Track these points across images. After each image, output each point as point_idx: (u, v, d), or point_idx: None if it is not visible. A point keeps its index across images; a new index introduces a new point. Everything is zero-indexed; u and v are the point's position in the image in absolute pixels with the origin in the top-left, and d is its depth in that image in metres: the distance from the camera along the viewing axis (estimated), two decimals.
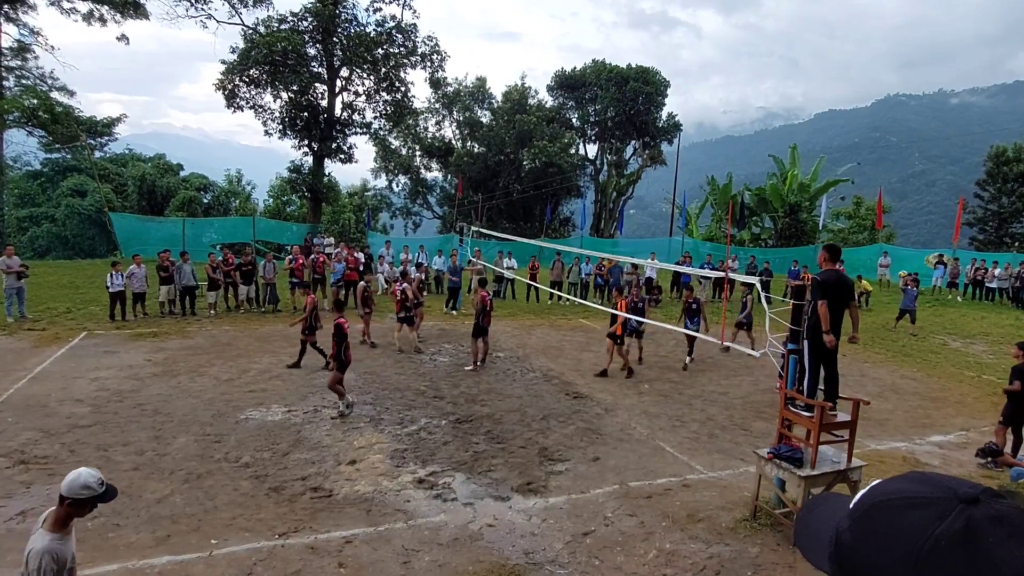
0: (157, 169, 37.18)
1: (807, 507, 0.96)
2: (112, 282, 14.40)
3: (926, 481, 0.78)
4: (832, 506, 0.88)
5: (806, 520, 0.92)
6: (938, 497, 0.74)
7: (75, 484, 3.10)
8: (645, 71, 41.72)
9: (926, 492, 0.76)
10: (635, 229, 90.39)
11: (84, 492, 3.11)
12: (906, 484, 0.79)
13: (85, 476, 3.13)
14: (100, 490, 3.17)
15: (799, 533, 0.91)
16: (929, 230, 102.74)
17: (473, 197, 37.73)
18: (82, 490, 3.11)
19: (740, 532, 5.97)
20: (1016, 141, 35.56)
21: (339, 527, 5.80)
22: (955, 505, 0.72)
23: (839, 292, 6.08)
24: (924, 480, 0.79)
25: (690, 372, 12.34)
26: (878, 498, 0.79)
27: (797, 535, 0.92)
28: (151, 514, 5.89)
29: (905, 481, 0.80)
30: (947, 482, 0.77)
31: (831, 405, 6.10)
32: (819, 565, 0.83)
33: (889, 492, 0.78)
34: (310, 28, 26.89)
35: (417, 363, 12.09)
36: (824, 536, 0.83)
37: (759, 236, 36.39)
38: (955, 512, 0.71)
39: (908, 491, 0.77)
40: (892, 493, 0.78)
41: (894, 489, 0.79)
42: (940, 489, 0.75)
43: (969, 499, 0.72)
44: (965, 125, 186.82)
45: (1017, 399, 8.09)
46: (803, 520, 0.93)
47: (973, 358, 14.42)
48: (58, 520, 3.11)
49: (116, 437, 7.73)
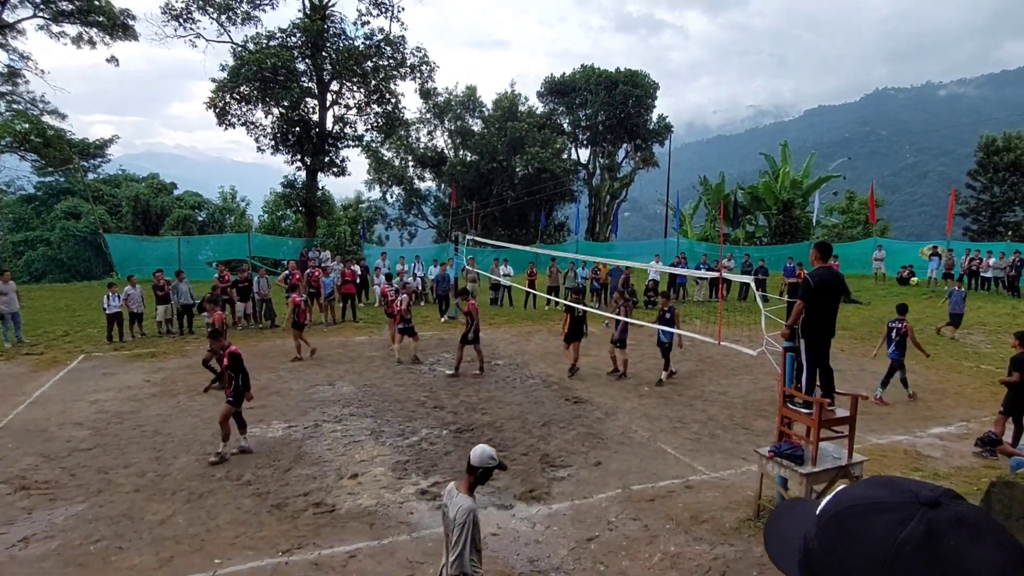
0: (151, 189, 37.24)
1: (774, 515, 0.97)
2: (109, 303, 14.39)
3: (888, 486, 0.80)
4: (799, 513, 0.90)
5: (774, 528, 0.93)
6: (900, 502, 0.76)
7: (484, 456, 3.90)
8: (634, 74, 41.92)
9: (888, 497, 0.77)
10: (630, 231, 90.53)
11: (490, 462, 3.92)
12: (869, 490, 0.81)
13: (488, 450, 3.95)
14: (496, 462, 3.97)
15: (769, 541, 0.93)
16: (923, 222, 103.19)
17: (467, 205, 37.80)
18: (489, 460, 3.91)
19: (744, 532, 5.97)
20: (1005, 130, 35.75)
21: (343, 542, 5.79)
22: (917, 509, 0.74)
23: (831, 289, 6.10)
24: (886, 485, 0.80)
25: (690, 373, 12.36)
26: (843, 505, 0.80)
27: (767, 543, 0.94)
28: (154, 535, 5.87)
29: (868, 487, 0.82)
30: (908, 486, 0.79)
31: (829, 401, 6.11)
32: (789, 573, 0.85)
33: (853, 498, 0.80)
34: (299, 43, 26.97)
35: (416, 373, 12.08)
36: (793, 543, 0.85)
37: (754, 234, 36.49)
38: (917, 516, 0.73)
39: (871, 497, 0.78)
40: (856, 499, 0.80)
41: (858, 495, 0.80)
42: (902, 493, 0.77)
43: (930, 502, 0.74)
44: (954, 116, 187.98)
45: (1017, 389, 8.11)
46: (771, 528, 0.94)
47: (971, 348, 14.46)
48: (469, 486, 3.91)
49: (117, 459, 7.71)
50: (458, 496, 3.85)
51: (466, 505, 3.75)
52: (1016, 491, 3.58)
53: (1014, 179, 33.77)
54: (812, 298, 5.98)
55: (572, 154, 44.83)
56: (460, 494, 3.86)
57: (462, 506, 3.75)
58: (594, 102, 41.63)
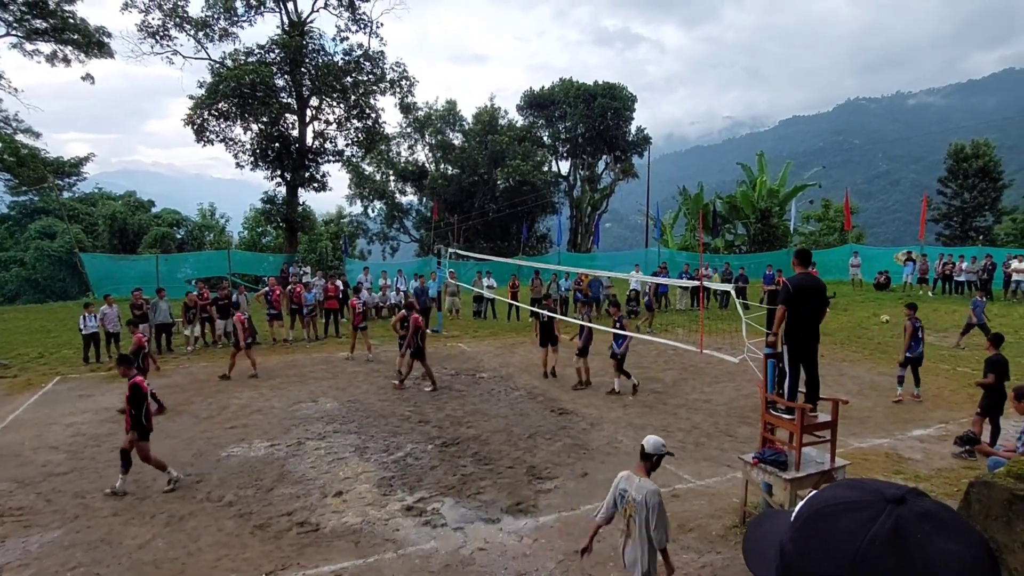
0: (128, 207, 36.75)
1: (752, 525, 1.00)
2: (85, 324, 14.14)
3: (856, 486, 0.83)
4: (775, 522, 0.92)
5: (752, 538, 0.96)
6: (868, 500, 0.78)
7: (656, 444, 4.44)
8: (612, 87, 42.44)
9: (857, 497, 0.80)
10: (612, 242, 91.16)
11: (663, 449, 4.45)
12: (839, 491, 0.83)
13: (659, 439, 4.52)
14: (666, 449, 4.52)
15: (748, 552, 0.95)
16: (897, 228, 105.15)
17: (449, 219, 37.84)
18: (661, 447, 4.44)
19: (731, 539, 5.99)
20: (973, 138, 36.71)
21: (328, 561, 5.70)
22: (884, 506, 0.76)
23: (811, 295, 6.19)
24: (855, 486, 0.83)
25: (673, 381, 12.42)
26: (815, 507, 0.83)
27: (746, 554, 0.96)
28: (133, 560, 5.74)
29: (838, 488, 0.85)
30: (875, 485, 0.82)
31: (811, 407, 6.17)
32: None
33: (824, 500, 0.83)
34: (277, 60, 26.94)
35: (401, 388, 11.99)
36: (770, 552, 0.87)
37: (733, 243, 36.93)
38: (885, 512, 0.76)
39: (841, 497, 0.81)
40: (827, 501, 0.82)
41: (828, 497, 0.83)
42: (869, 493, 0.80)
43: (896, 499, 0.77)
44: (924, 125, 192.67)
45: (992, 390, 8.28)
46: (750, 538, 0.97)
47: (947, 351, 14.72)
48: (647, 471, 4.41)
49: (94, 483, 7.53)
50: (640, 480, 4.31)
51: (653, 488, 4.26)
52: (994, 490, 3.64)
53: (983, 185, 34.62)
54: (792, 303, 6.06)
55: (553, 166, 45.14)
56: (642, 478, 4.33)
57: (650, 489, 4.23)
58: (573, 115, 42.03)
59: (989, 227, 34.58)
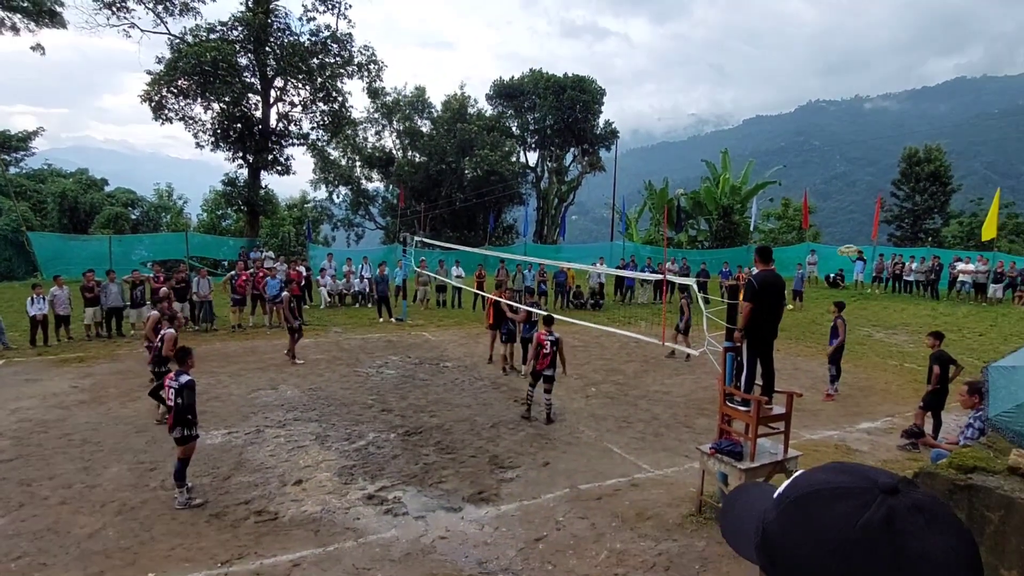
0: (79, 185, 35.24)
1: (730, 498, 0.99)
2: (33, 306, 13.58)
3: (848, 472, 0.82)
4: (754, 496, 0.91)
5: (730, 511, 0.94)
6: (860, 487, 0.77)
7: None
8: (581, 80, 42.55)
9: (848, 483, 0.79)
10: (577, 235, 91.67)
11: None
12: (829, 475, 0.82)
13: None
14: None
15: (725, 525, 0.94)
16: (852, 228, 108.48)
17: (416, 207, 37.50)
18: None
19: (687, 527, 6.14)
20: (926, 143, 38.10)
21: (286, 550, 5.64)
22: (876, 495, 0.76)
23: (774, 291, 6.37)
24: (846, 471, 0.82)
25: (634, 373, 12.62)
26: (803, 489, 0.81)
27: (723, 527, 0.95)
28: (81, 550, 5.57)
29: (828, 472, 0.83)
30: (868, 472, 0.81)
31: (767, 399, 6.36)
32: (747, 555, 0.86)
33: (813, 483, 0.82)
34: (240, 37, 26.14)
35: (363, 377, 11.89)
36: (749, 527, 0.86)
37: (696, 238, 37.60)
38: (877, 502, 0.75)
39: (832, 482, 0.80)
40: (816, 484, 0.81)
41: (818, 480, 0.82)
42: (861, 480, 0.79)
43: (889, 489, 0.76)
44: (880, 128, 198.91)
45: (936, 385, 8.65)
46: (727, 512, 0.95)
47: (895, 348, 15.33)
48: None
49: (41, 471, 7.27)
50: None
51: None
52: (937, 481, 3.82)
53: (933, 188, 35.98)
54: (757, 299, 6.22)
55: (521, 157, 45.10)
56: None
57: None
58: (543, 106, 42.02)
59: (937, 229, 36.00)
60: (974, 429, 6.41)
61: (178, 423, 6.46)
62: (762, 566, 0.83)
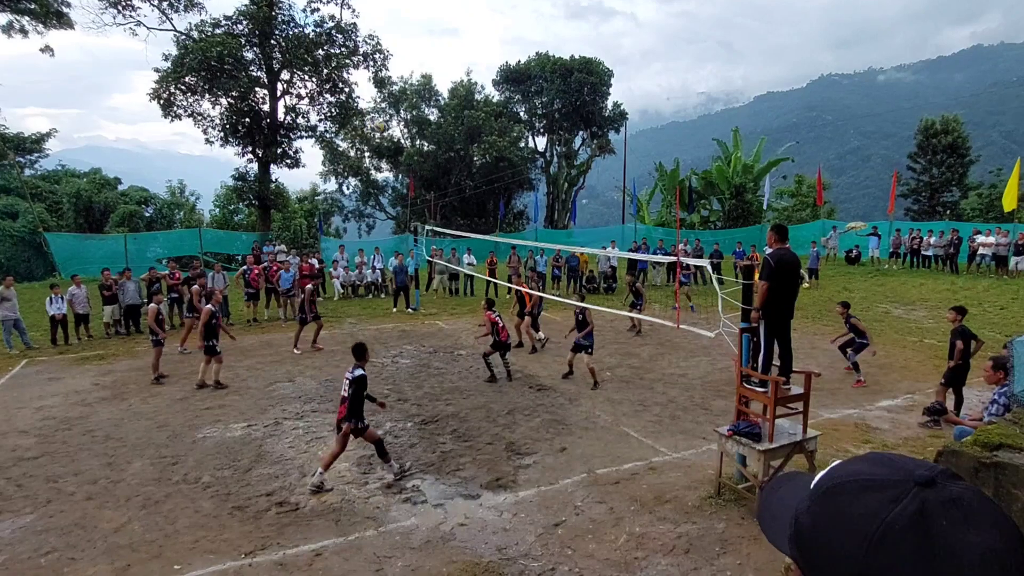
0: (93, 184, 35.59)
1: (770, 488, 0.94)
2: (52, 305, 13.78)
3: (884, 463, 0.78)
4: (794, 486, 0.87)
5: (769, 501, 0.91)
6: (894, 479, 0.74)
7: None
8: (588, 61, 42.10)
9: (883, 474, 0.75)
10: (588, 218, 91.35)
11: None
12: (864, 466, 0.78)
13: None
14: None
15: (762, 514, 0.91)
16: (867, 203, 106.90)
17: (426, 196, 37.49)
18: None
19: (706, 509, 6.13)
20: (943, 114, 37.27)
21: (308, 540, 5.70)
22: (910, 488, 0.72)
23: (790, 269, 6.27)
24: (882, 461, 0.78)
25: (650, 356, 12.57)
26: (836, 480, 0.78)
27: (760, 516, 0.91)
28: (108, 544, 5.67)
29: (863, 463, 0.80)
30: (904, 464, 0.77)
31: (784, 380, 6.29)
32: (781, 547, 0.82)
33: (847, 474, 0.78)
34: (246, 31, 26.14)
35: (378, 367, 11.95)
36: (785, 518, 0.82)
37: (708, 219, 37.25)
38: (910, 495, 0.71)
39: (865, 473, 0.76)
40: (850, 475, 0.78)
41: (852, 471, 0.78)
42: (896, 471, 0.75)
43: (925, 481, 0.72)
44: (895, 101, 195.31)
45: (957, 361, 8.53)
46: (766, 501, 0.92)
47: (914, 324, 15.12)
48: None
49: (66, 467, 7.41)
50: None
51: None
52: (962, 459, 3.76)
53: (951, 161, 35.28)
54: (773, 278, 6.13)
55: (529, 142, 44.86)
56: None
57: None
58: (550, 90, 41.68)
59: (956, 202, 35.35)
60: (999, 405, 6.29)
61: (350, 415, 6.74)
62: (794, 558, 0.79)
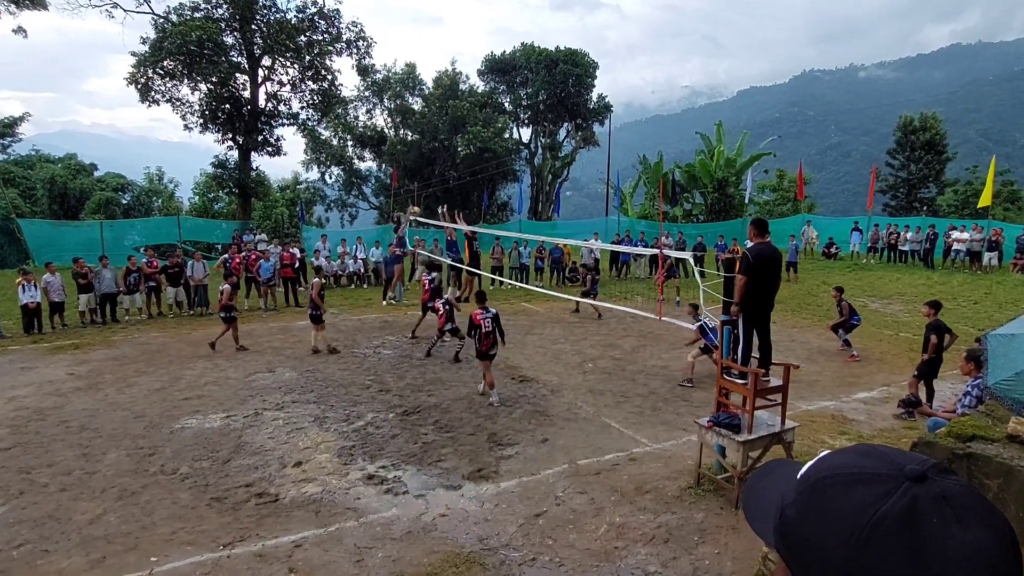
0: (68, 170, 34.79)
1: (755, 476, 0.92)
2: (25, 293, 13.47)
3: (873, 455, 0.76)
4: (780, 476, 0.85)
5: (754, 490, 0.89)
6: (884, 474, 0.72)
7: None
8: (574, 53, 41.98)
9: (872, 467, 0.73)
10: (572, 210, 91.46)
11: None
12: (853, 458, 0.77)
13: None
14: None
15: (747, 504, 0.89)
16: (846, 199, 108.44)
17: (409, 186, 37.19)
18: None
19: (685, 500, 6.19)
20: (922, 111, 37.81)
21: (287, 531, 5.66)
22: (901, 482, 0.70)
23: (770, 263, 6.33)
24: (871, 454, 0.76)
25: (632, 348, 12.64)
26: (824, 472, 0.76)
27: (745, 506, 0.90)
28: (83, 536, 5.59)
29: (852, 455, 0.78)
30: (895, 457, 0.75)
31: (764, 372, 6.37)
32: (765, 537, 0.81)
33: (835, 466, 0.76)
34: (226, 15, 25.66)
35: (360, 358, 11.88)
36: (770, 508, 0.80)
37: (691, 212, 37.48)
38: (900, 490, 0.69)
39: (854, 466, 0.75)
40: (838, 468, 0.76)
41: (840, 463, 0.76)
42: (887, 465, 0.73)
43: (916, 476, 0.70)
44: (875, 97, 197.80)
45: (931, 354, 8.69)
46: (751, 490, 0.90)
47: (891, 317, 15.38)
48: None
49: (39, 458, 7.27)
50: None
51: None
52: (936, 450, 3.83)
53: (928, 157, 35.86)
54: (752, 273, 6.18)
55: (514, 133, 44.67)
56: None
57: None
58: (535, 81, 41.51)
59: (932, 198, 35.96)
60: (972, 397, 6.43)
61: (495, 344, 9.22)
62: (778, 550, 0.78)
